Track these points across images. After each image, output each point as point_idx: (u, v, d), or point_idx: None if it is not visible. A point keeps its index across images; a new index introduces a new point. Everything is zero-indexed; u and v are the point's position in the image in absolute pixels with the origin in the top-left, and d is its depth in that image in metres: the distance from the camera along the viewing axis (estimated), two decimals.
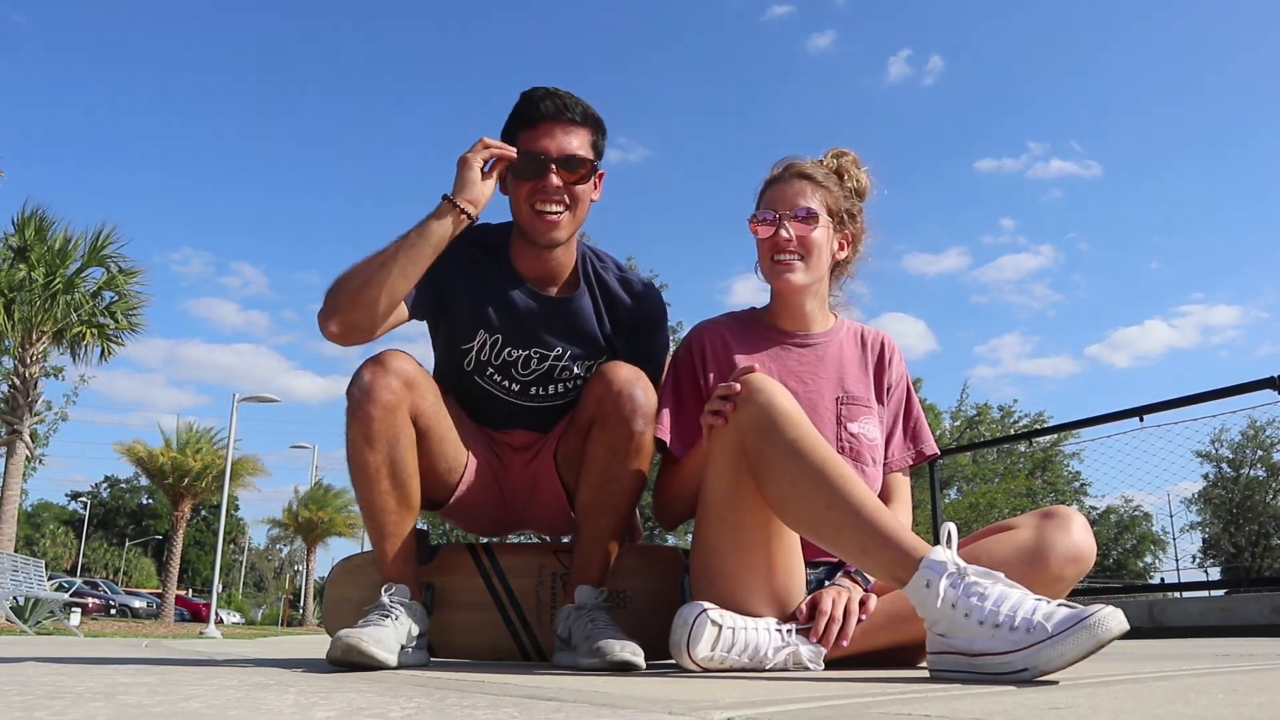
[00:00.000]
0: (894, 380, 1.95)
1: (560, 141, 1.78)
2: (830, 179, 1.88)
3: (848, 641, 1.54)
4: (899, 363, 1.97)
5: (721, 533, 1.60)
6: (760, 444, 1.50)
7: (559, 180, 1.77)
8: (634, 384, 1.71)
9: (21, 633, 8.06)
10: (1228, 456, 31.65)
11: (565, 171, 1.77)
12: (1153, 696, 1.02)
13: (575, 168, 1.78)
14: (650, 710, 0.91)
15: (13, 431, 13.76)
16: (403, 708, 0.93)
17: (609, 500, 1.75)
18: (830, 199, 1.85)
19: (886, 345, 1.97)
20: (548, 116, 1.79)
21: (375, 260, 1.68)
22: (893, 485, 1.92)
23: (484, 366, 1.90)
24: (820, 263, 1.85)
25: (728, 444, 1.56)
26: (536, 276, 1.89)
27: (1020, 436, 15.80)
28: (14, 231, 14.19)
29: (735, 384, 1.53)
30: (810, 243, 1.81)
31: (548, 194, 1.77)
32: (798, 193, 1.82)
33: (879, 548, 1.37)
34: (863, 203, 1.94)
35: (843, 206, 1.88)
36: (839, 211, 1.87)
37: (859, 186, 1.93)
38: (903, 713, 0.86)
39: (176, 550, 21.27)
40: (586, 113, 1.82)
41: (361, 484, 1.71)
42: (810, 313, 1.91)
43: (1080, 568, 1.54)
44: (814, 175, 1.86)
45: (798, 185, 1.83)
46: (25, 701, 0.95)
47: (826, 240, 1.85)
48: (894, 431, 1.94)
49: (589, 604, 1.75)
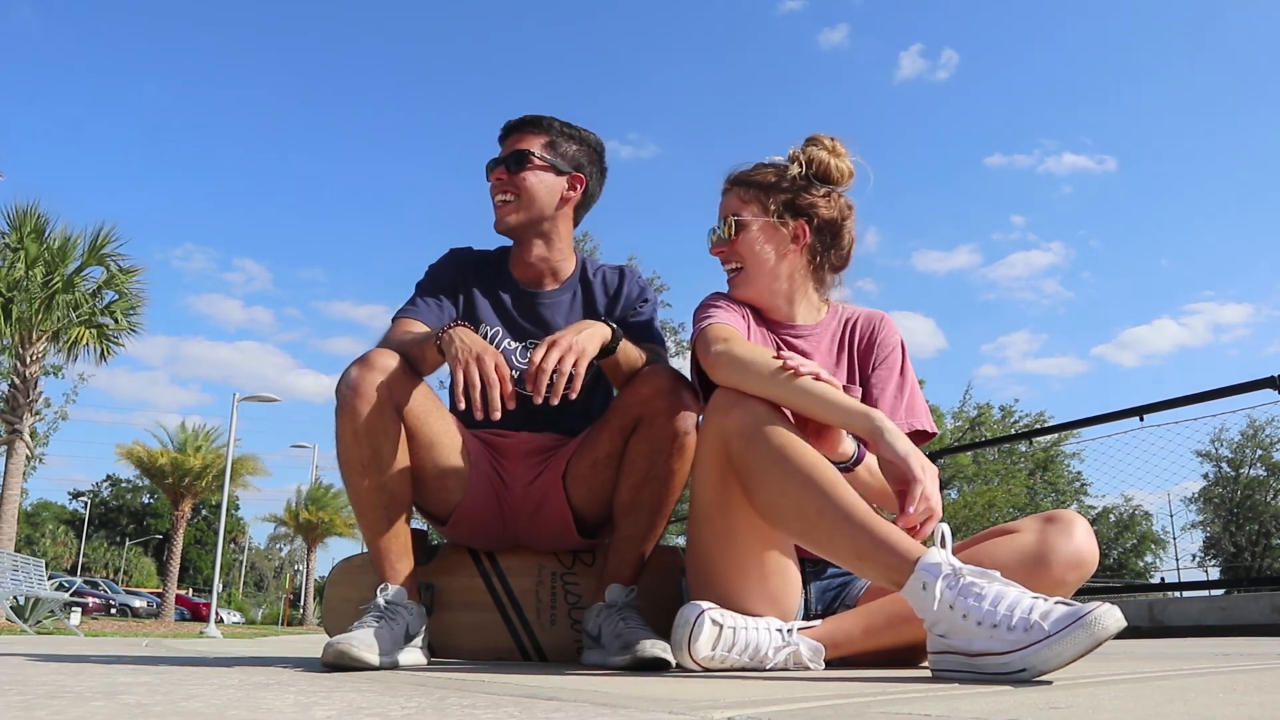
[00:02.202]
0: (880, 351, 1.87)
1: (512, 144, 2.02)
2: (770, 173, 1.85)
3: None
4: (889, 334, 1.90)
5: (713, 537, 1.60)
6: (746, 452, 1.49)
7: (503, 175, 1.99)
8: (682, 388, 1.75)
9: (22, 632, 8.06)
10: (1228, 456, 31.68)
11: (508, 165, 1.99)
12: (1153, 696, 1.02)
13: (518, 161, 1.99)
14: (650, 710, 0.91)
15: (13, 431, 13.76)
16: (403, 707, 0.93)
17: (648, 500, 1.77)
18: (764, 197, 1.82)
19: (875, 322, 1.91)
20: (510, 131, 2.05)
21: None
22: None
23: None
24: (760, 265, 1.82)
25: (712, 450, 1.55)
26: (529, 278, 2.07)
27: (1021, 436, 15.82)
28: (9, 230, 14.17)
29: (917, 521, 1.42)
30: (741, 249, 1.83)
31: (496, 186, 2.01)
32: (724, 206, 1.88)
33: (873, 552, 1.36)
34: (841, 187, 1.87)
35: (781, 201, 1.83)
36: (776, 206, 1.82)
37: (820, 170, 1.85)
38: (903, 712, 0.86)
39: (177, 549, 21.29)
40: (552, 123, 2.04)
41: (351, 480, 1.72)
42: (786, 309, 1.87)
43: (1082, 573, 1.54)
44: (746, 179, 1.85)
45: (725, 199, 1.89)
46: (25, 701, 0.95)
47: (762, 241, 1.82)
48: (880, 397, 1.83)
49: (620, 602, 1.76)
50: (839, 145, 1.88)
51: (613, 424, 1.81)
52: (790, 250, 1.84)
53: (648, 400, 1.74)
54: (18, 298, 13.70)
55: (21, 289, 13.76)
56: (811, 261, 1.87)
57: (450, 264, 2.08)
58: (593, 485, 1.86)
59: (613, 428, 1.81)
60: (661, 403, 1.73)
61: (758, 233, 1.82)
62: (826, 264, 1.88)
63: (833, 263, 1.89)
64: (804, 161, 1.85)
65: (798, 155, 1.86)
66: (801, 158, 1.85)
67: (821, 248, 1.86)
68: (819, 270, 1.89)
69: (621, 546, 1.80)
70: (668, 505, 1.79)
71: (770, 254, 1.83)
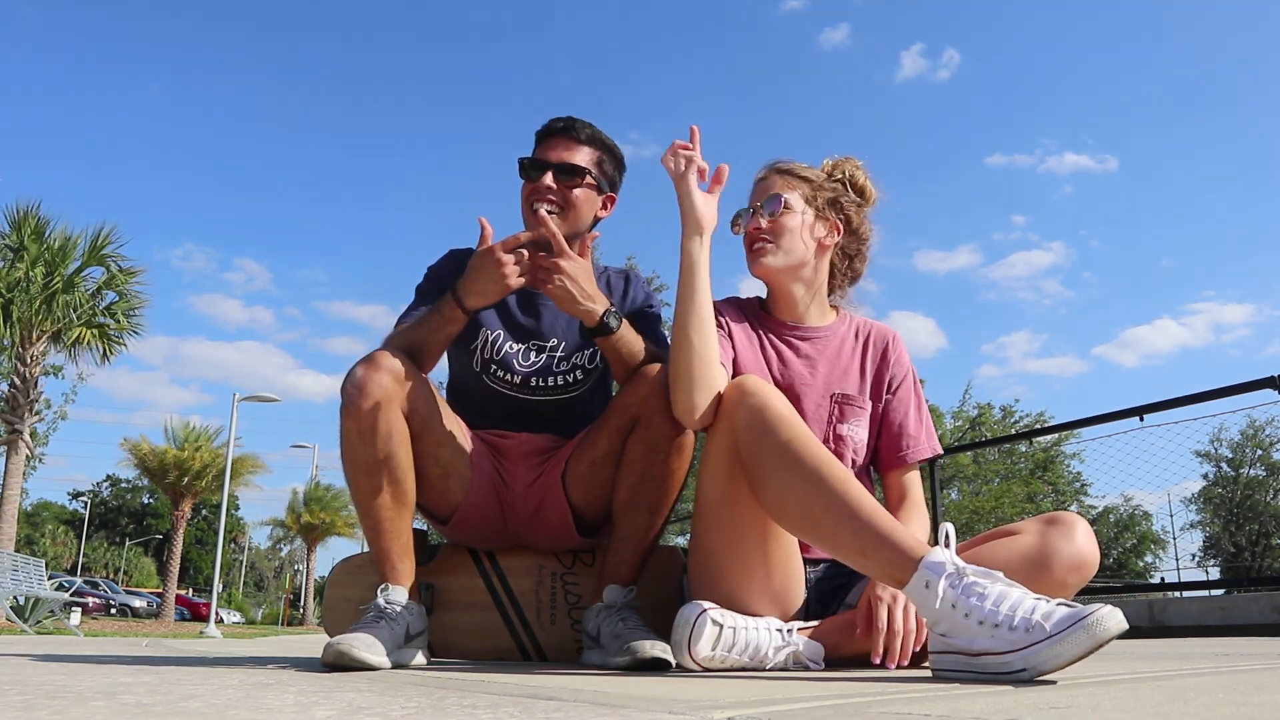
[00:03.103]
0: (898, 372, 1.92)
1: (561, 153, 1.98)
2: (813, 172, 1.91)
3: (908, 661, 1.47)
4: (904, 355, 1.95)
5: (718, 535, 1.60)
6: (754, 447, 1.50)
7: (552, 182, 1.94)
8: None
9: (22, 632, 8.06)
10: (1227, 456, 31.68)
11: (560, 176, 1.95)
12: (1153, 696, 1.02)
13: (570, 174, 1.96)
14: (650, 710, 0.91)
15: (13, 431, 13.76)
16: (403, 707, 0.93)
17: (646, 499, 1.77)
18: (808, 189, 1.88)
19: (889, 340, 1.95)
20: (556, 133, 2.01)
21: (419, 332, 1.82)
22: (908, 486, 1.87)
23: (489, 364, 1.98)
24: (794, 245, 1.85)
25: (721, 446, 1.56)
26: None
27: (1021, 436, 15.78)
28: (9, 230, 14.18)
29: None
30: (780, 227, 1.85)
31: (541, 193, 1.94)
32: (769, 185, 1.90)
33: (877, 549, 1.36)
34: (866, 206, 1.95)
35: (825, 197, 1.89)
36: (820, 200, 1.88)
37: (854, 183, 1.94)
38: (903, 712, 0.86)
39: (177, 549, 21.29)
40: (594, 136, 2.01)
41: (355, 480, 1.72)
42: (804, 304, 1.91)
43: (1084, 575, 1.54)
44: (791, 170, 1.90)
45: (770, 179, 1.91)
46: (25, 701, 0.95)
47: (801, 225, 1.86)
48: (906, 420, 1.89)
49: (618, 603, 1.77)
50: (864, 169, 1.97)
51: (611, 423, 1.82)
52: (824, 243, 1.90)
53: (645, 400, 1.74)
54: (18, 298, 13.70)
55: (21, 289, 13.76)
56: (835, 264, 1.93)
57: (449, 266, 2.06)
58: (592, 485, 1.86)
59: (611, 427, 1.81)
60: (658, 402, 1.72)
61: (801, 216, 1.86)
62: (846, 273, 1.95)
63: (851, 274, 1.96)
64: (842, 171, 1.93)
65: (837, 166, 1.94)
66: (841, 168, 1.94)
67: (845, 255, 1.93)
68: (837, 277, 1.95)
69: (620, 546, 1.80)
70: (666, 504, 1.80)
71: (808, 240, 1.87)
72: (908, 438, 1.88)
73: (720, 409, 1.59)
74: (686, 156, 1.67)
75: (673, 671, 1.52)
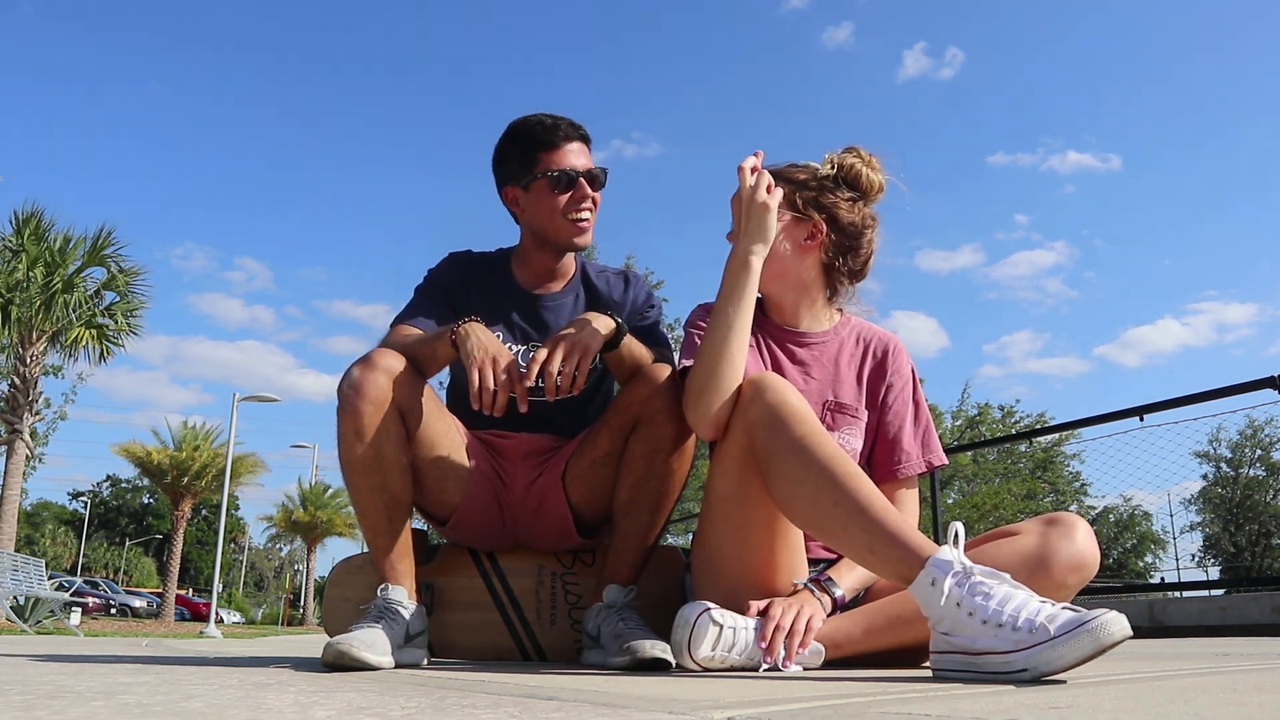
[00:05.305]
0: (896, 381, 1.89)
1: (584, 159, 2.01)
2: (799, 171, 1.86)
3: (792, 663, 1.49)
4: (904, 363, 1.91)
5: (726, 531, 1.60)
6: (768, 441, 1.50)
7: (591, 190, 1.98)
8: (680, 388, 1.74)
9: (22, 632, 8.06)
10: (1227, 456, 31.67)
11: (594, 184, 1.99)
12: (1153, 696, 1.02)
13: (601, 181, 2.01)
14: (650, 710, 0.91)
15: (13, 431, 13.77)
16: (403, 707, 0.93)
17: (647, 499, 1.77)
18: (792, 192, 1.82)
19: (888, 346, 1.91)
20: (567, 138, 2.00)
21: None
22: (901, 501, 1.82)
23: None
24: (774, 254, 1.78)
25: (736, 441, 1.57)
26: (532, 282, 2.08)
27: (1021, 436, 15.77)
28: (12, 232, 14.20)
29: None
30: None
31: (580, 204, 1.97)
32: None
33: (885, 546, 1.37)
34: (865, 200, 1.88)
35: (806, 196, 1.83)
36: (800, 201, 1.83)
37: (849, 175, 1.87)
38: (903, 712, 0.86)
39: (177, 549, 21.29)
40: (587, 134, 2.03)
41: (352, 480, 1.72)
42: (798, 309, 1.88)
43: (1084, 575, 1.54)
44: (777, 173, 1.85)
45: None
46: (25, 701, 0.95)
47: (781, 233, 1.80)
48: (900, 434, 1.85)
49: (618, 603, 1.76)
50: (875, 160, 1.90)
51: (612, 423, 1.81)
52: (806, 246, 1.84)
53: (646, 400, 1.74)
54: (18, 298, 13.70)
55: (21, 290, 13.77)
56: (827, 265, 1.86)
57: (449, 269, 2.06)
58: (592, 484, 1.86)
59: (612, 427, 1.81)
60: (660, 402, 1.72)
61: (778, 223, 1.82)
62: (843, 271, 1.87)
63: (850, 270, 1.88)
64: (836, 164, 1.88)
65: (832, 159, 1.89)
66: (835, 161, 1.88)
67: (838, 252, 1.85)
68: (834, 276, 1.88)
69: (620, 546, 1.80)
70: (667, 504, 1.79)
71: (786, 246, 1.83)
72: (901, 452, 1.84)
73: (736, 405, 1.59)
74: (764, 176, 1.69)
75: (673, 671, 1.52)
